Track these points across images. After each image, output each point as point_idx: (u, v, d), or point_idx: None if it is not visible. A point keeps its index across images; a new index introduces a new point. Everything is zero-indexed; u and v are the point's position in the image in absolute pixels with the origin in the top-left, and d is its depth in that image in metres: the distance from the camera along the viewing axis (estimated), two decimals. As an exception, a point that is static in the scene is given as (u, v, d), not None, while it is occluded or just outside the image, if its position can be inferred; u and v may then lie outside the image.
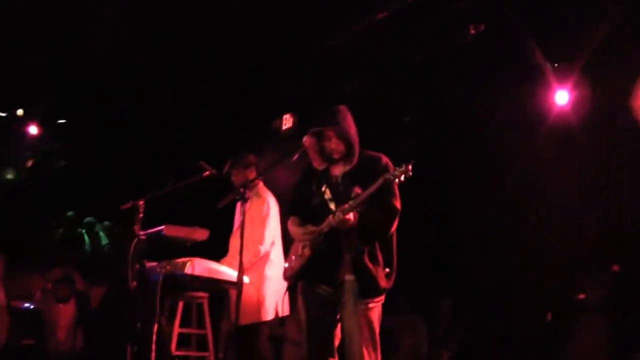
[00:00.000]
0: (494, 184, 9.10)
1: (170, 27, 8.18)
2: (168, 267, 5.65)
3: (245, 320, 5.69)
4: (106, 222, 11.87)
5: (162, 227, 5.78)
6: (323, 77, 8.96)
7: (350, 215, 4.23)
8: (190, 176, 5.97)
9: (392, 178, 4.10)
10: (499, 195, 9.02)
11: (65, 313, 8.96)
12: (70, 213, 11.73)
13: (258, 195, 6.24)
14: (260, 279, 6.04)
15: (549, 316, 7.43)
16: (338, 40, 8.12)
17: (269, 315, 6.03)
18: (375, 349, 4.38)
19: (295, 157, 4.57)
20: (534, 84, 8.09)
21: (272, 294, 6.03)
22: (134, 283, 5.63)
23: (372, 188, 4.17)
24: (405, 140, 9.39)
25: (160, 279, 5.60)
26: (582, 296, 7.10)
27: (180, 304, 5.89)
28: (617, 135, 7.84)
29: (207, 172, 5.96)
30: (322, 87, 8.97)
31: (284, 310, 6.12)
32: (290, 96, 9.51)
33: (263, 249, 6.07)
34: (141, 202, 5.61)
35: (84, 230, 12.04)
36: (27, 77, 9.26)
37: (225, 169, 6.26)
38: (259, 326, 6.03)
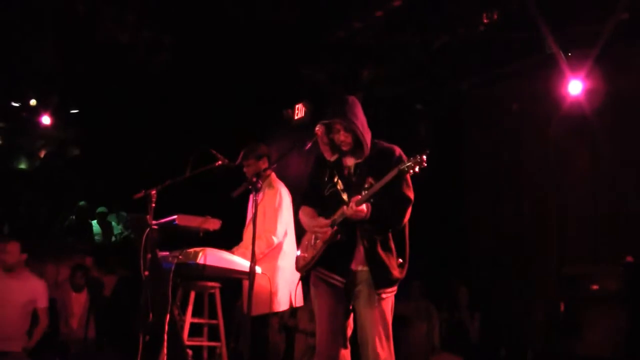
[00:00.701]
0: (508, 173, 9.09)
1: (184, 16, 8.16)
2: (180, 256, 5.66)
3: (256, 310, 5.69)
4: (123, 213, 11.92)
5: (175, 216, 5.77)
6: (338, 66, 8.94)
7: (363, 207, 4.22)
8: (202, 165, 5.97)
9: (406, 169, 4.09)
10: (513, 184, 9.01)
11: (79, 301, 9.01)
12: (81, 202, 11.77)
13: (271, 186, 6.23)
14: (273, 269, 6.02)
15: (562, 306, 7.41)
16: (354, 28, 8.09)
17: (281, 306, 6.01)
18: (388, 339, 4.37)
19: (308, 146, 4.54)
20: (548, 73, 8.06)
21: (285, 285, 6.02)
22: (147, 272, 5.63)
23: (386, 179, 4.16)
24: (419, 128, 9.39)
25: (173, 268, 5.61)
26: (595, 287, 7.08)
27: (192, 294, 5.88)
28: (631, 125, 7.82)
29: (220, 162, 5.96)
30: (336, 75, 8.95)
31: (298, 301, 6.10)
32: (304, 85, 9.49)
33: (276, 239, 6.05)
34: (153, 192, 5.60)
35: (95, 221, 12.10)
36: (40, 67, 9.28)
37: (238, 160, 6.24)
38: (270, 317, 6.01)
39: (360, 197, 4.22)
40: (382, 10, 7.58)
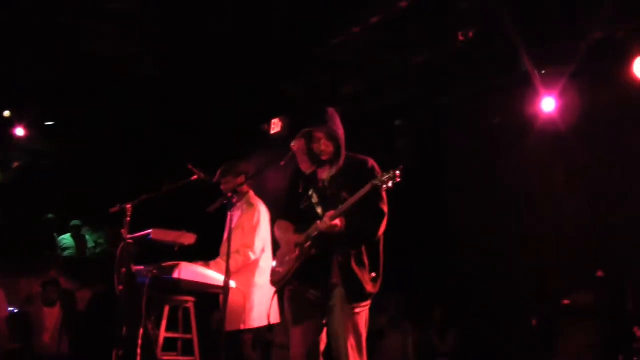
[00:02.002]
0: (487, 189, 9.16)
1: (161, 31, 8.16)
2: (155, 270, 5.65)
3: (231, 326, 5.69)
4: (107, 228, 11.87)
5: (150, 230, 5.77)
6: (315, 81, 8.97)
7: (337, 221, 4.24)
8: (178, 179, 5.98)
9: (379, 184, 4.11)
10: (492, 200, 9.08)
11: (51, 316, 8.94)
12: (50, 215, 11.70)
13: (250, 203, 6.24)
14: (248, 286, 6.02)
15: (535, 322, 7.47)
16: (331, 44, 8.12)
17: (255, 322, 5.99)
18: (361, 353, 4.38)
19: (284, 161, 4.57)
20: (523, 90, 8.14)
21: (261, 302, 5.99)
22: (121, 286, 5.61)
23: (360, 194, 4.18)
24: (398, 143, 9.45)
25: (148, 282, 5.60)
26: (567, 301, 7.15)
27: (167, 308, 5.86)
28: (605, 142, 7.92)
29: (196, 176, 5.97)
30: (314, 92, 8.98)
31: (274, 317, 6.08)
32: (283, 100, 9.51)
33: (253, 255, 6.05)
34: (129, 206, 5.60)
35: (69, 234, 12.03)
36: (15, 79, 9.23)
37: (216, 177, 6.24)
38: (244, 333, 6.00)
39: (334, 212, 4.24)
40: (360, 26, 7.61)
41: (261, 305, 5.97)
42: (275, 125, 9.86)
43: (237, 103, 9.48)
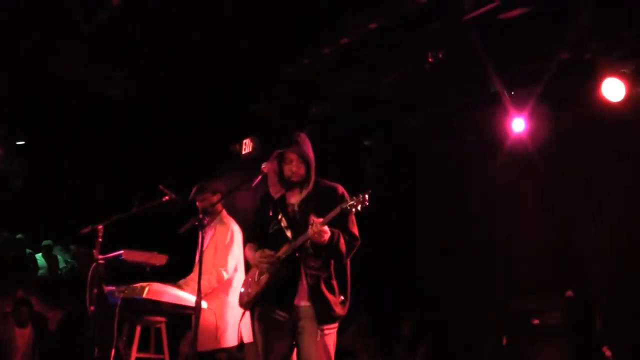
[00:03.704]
0: (457, 209, 9.22)
1: (132, 50, 8.17)
2: (126, 291, 5.64)
3: (203, 346, 5.70)
4: (72, 246, 11.76)
5: (121, 251, 5.77)
6: (285, 102, 9.01)
7: (327, 228, 4.28)
8: (150, 200, 5.99)
9: (348, 208, 4.17)
10: (461, 220, 9.14)
11: (23, 337, 8.87)
12: (19, 236, 11.62)
13: (222, 222, 6.26)
14: (221, 305, 6.03)
15: (505, 340, 7.52)
16: (302, 64, 8.17)
17: (229, 342, 6.00)
18: (330, 374, 4.42)
19: (255, 182, 4.61)
20: (493, 111, 8.22)
21: (234, 321, 6.00)
22: (93, 307, 5.60)
23: (330, 215, 4.23)
24: (369, 164, 9.50)
25: (119, 303, 5.59)
26: (536, 321, 7.20)
27: (138, 329, 5.85)
28: (573, 162, 8.01)
29: (167, 197, 5.99)
30: (285, 112, 9.02)
31: (247, 337, 6.08)
32: (253, 120, 9.53)
33: (226, 274, 6.07)
34: (100, 227, 5.60)
35: (40, 254, 11.94)
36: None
37: (192, 195, 6.26)
38: (217, 353, 6.00)
39: (322, 219, 4.26)
40: (330, 47, 7.68)
41: (235, 325, 5.99)
42: (247, 146, 9.89)
43: (207, 123, 9.50)
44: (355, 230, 4.51)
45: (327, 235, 4.30)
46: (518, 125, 7.98)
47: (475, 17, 6.89)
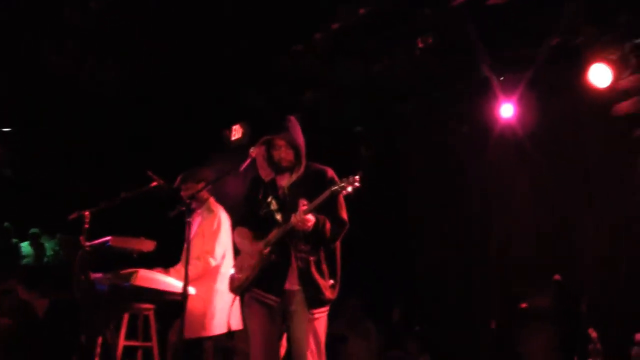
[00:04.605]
0: (449, 194, 9.23)
1: (123, 39, 8.12)
2: (114, 278, 5.61)
3: (192, 333, 5.68)
4: (58, 234, 11.69)
5: (108, 238, 5.73)
6: (276, 89, 8.98)
7: (310, 216, 4.26)
8: (138, 186, 5.95)
9: (338, 189, 4.15)
10: (453, 205, 9.15)
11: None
12: (6, 224, 11.55)
13: (210, 210, 6.22)
14: (209, 292, 5.99)
15: (494, 324, 7.55)
16: (293, 51, 8.15)
17: (217, 329, 5.96)
18: (320, 358, 4.41)
19: (243, 167, 4.59)
20: (483, 96, 8.21)
21: (222, 308, 5.96)
22: (80, 294, 5.56)
23: (320, 198, 4.21)
24: (359, 151, 9.48)
25: (106, 290, 5.55)
26: (524, 305, 7.24)
27: (126, 316, 5.82)
28: (564, 148, 8.01)
29: (155, 183, 5.95)
30: (275, 99, 8.99)
31: (236, 324, 6.04)
32: (242, 107, 9.50)
33: (214, 261, 6.02)
34: (87, 213, 5.56)
35: (27, 242, 11.87)
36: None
37: (177, 183, 6.22)
38: (205, 340, 5.97)
39: (306, 207, 4.26)
40: (321, 34, 7.65)
41: (222, 312, 5.94)
42: (236, 132, 9.87)
43: (197, 110, 9.46)
44: (344, 214, 4.50)
45: (311, 223, 4.29)
46: (507, 110, 7.98)
47: (465, 2, 6.89)
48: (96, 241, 5.78)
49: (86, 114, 9.75)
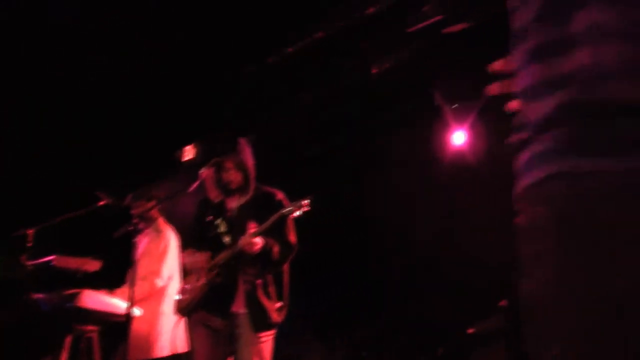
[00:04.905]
0: (396, 221, 9.26)
1: (73, 49, 8.02)
2: (57, 298, 5.50)
3: (136, 355, 5.58)
4: None
5: (52, 257, 5.62)
6: (229, 109, 8.97)
7: (258, 239, 4.25)
8: (86, 205, 5.86)
9: (287, 213, 4.16)
10: (401, 230, 9.18)
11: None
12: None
13: (158, 230, 6.16)
14: (155, 314, 5.91)
15: (441, 350, 7.58)
16: (247, 73, 8.14)
17: (162, 351, 5.88)
18: (266, 381, 4.40)
19: (193, 188, 4.56)
20: (436, 124, 8.29)
21: (167, 330, 5.89)
22: (22, 315, 5.45)
23: (270, 221, 4.22)
24: (312, 174, 9.49)
25: (49, 310, 5.45)
26: (471, 330, 7.28)
27: (69, 337, 5.70)
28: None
29: (104, 201, 5.87)
30: (229, 120, 8.98)
31: (181, 346, 5.97)
32: (194, 127, 9.46)
33: (160, 282, 5.96)
34: (30, 231, 5.46)
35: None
36: None
37: (127, 202, 6.15)
38: (150, 362, 5.89)
39: (254, 230, 4.25)
40: (275, 56, 7.67)
41: (167, 334, 5.88)
42: (188, 152, 9.82)
43: (149, 128, 9.39)
44: (292, 237, 4.51)
45: (258, 246, 4.29)
46: (459, 138, 8.07)
47: (419, 30, 6.96)
48: (39, 260, 5.67)
49: (33, 127, 9.60)
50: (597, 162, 1.11)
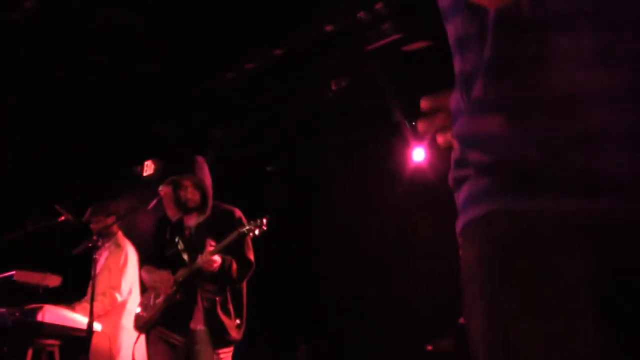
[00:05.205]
0: (355, 236, 9.31)
1: (30, 60, 7.99)
2: (18, 313, 5.50)
3: (96, 370, 5.60)
4: None
5: (13, 272, 5.63)
6: (188, 125, 8.98)
7: (217, 257, 4.30)
8: (45, 220, 5.87)
9: (246, 232, 4.22)
10: (357, 248, 9.23)
11: None
12: None
13: (117, 244, 6.18)
14: (115, 328, 5.94)
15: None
16: (207, 87, 8.17)
17: (123, 365, 5.92)
18: (225, 398, 4.44)
19: (151, 205, 4.60)
20: (395, 140, 8.36)
21: (128, 344, 5.89)
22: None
23: (227, 240, 4.26)
24: (270, 189, 9.52)
25: (10, 325, 5.45)
26: (429, 347, 7.34)
27: (30, 352, 5.70)
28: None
29: (63, 217, 5.89)
30: (187, 135, 8.99)
31: (140, 360, 6.01)
32: (156, 141, 9.45)
33: (120, 297, 5.98)
34: (-10, 246, 5.47)
35: None
36: None
37: (86, 217, 6.17)
38: (110, 377, 5.91)
39: (212, 248, 4.29)
40: (234, 72, 7.71)
41: (127, 349, 5.87)
42: (148, 168, 9.81)
43: (108, 144, 9.37)
44: (250, 255, 4.56)
45: (217, 264, 4.33)
46: (418, 154, 8.14)
47: (378, 47, 7.04)
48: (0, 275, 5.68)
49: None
50: (529, 202, 1.13)
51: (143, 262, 4.90)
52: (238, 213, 4.62)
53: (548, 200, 1.11)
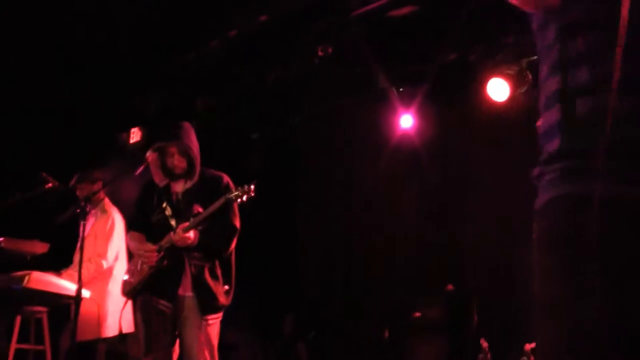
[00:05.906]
0: (341, 204, 9.33)
1: (13, 29, 7.92)
2: (6, 280, 5.50)
3: (84, 336, 5.61)
4: None
5: (0, 239, 5.63)
6: (174, 92, 8.93)
7: (191, 234, 4.30)
8: (32, 188, 5.85)
9: (233, 198, 4.21)
10: (343, 215, 9.25)
11: None
12: None
13: (104, 210, 6.17)
14: (102, 294, 5.95)
15: (387, 333, 7.66)
16: (190, 56, 8.11)
17: (109, 331, 5.93)
18: (213, 364, 4.45)
19: (138, 171, 4.59)
20: (381, 107, 8.35)
21: (114, 310, 5.92)
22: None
23: (213, 207, 4.28)
24: (254, 158, 9.49)
25: (-2, 292, 5.46)
26: (417, 314, 7.37)
27: (18, 319, 5.72)
28: (455, 159, 8.24)
29: (50, 184, 5.87)
30: (173, 102, 8.93)
31: (127, 327, 6.02)
32: (140, 110, 9.40)
33: (106, 263, 5.99)
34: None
35: None
36: None
37: (72, 183, 6.15)
38: (98, 343, 5.93)
39: (187, 224, 4.29)
40: (217, 40, 7.65)
41: (114, 314, 5.89)
42: (135, 135, 9.77)
43: (94, 111, 9.31)
44: (236, 221, 4.55)
45: (190, 241, 4.34)
46: (406, 121, 8.12)
47: (363, 14, 7.00)
48: (-13, 243, 5.68)
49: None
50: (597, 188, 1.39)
51: (128, 228, 4.90)
52: (226, 179, 4.61)
53: None
